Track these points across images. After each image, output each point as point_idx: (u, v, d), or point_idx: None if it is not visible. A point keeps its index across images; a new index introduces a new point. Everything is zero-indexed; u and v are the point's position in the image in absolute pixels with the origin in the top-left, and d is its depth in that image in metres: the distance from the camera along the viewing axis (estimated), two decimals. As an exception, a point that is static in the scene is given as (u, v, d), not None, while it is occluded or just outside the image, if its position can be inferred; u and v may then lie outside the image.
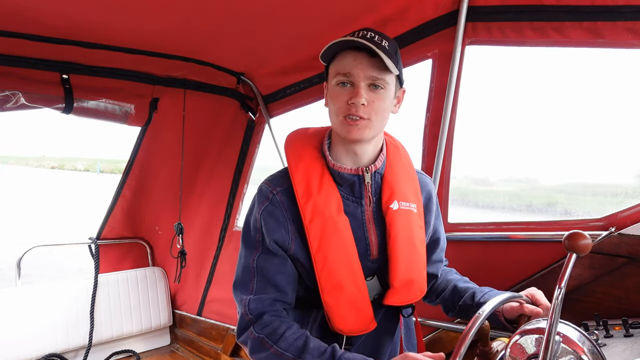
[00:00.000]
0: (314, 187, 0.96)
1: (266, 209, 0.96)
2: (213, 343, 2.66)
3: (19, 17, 1.60)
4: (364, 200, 0.99)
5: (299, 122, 1.13)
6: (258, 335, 0.90)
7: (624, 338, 0.93)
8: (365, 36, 0.89)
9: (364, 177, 0.97)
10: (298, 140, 1.04)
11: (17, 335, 2.27)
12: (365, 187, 0.98)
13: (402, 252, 0.99)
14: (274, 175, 1.02)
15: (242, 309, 0.95)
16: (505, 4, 1.36)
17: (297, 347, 0.87)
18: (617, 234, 1.15)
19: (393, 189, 1.00)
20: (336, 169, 0.97)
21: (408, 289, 1.01)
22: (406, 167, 1.06)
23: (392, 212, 0.99)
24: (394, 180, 1.01)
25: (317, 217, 0.94)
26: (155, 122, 2.31)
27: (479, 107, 2.29)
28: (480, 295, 1.03)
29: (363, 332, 0.97)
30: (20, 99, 1.86)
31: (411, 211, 1.02)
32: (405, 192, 1.02)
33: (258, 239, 0.96)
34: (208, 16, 1.65)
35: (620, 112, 2.21)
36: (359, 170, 0.97)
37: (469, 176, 9.22)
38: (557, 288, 0.65)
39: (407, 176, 1.05)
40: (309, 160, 0.99)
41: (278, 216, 0.95)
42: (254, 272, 0.95)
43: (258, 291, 0.95)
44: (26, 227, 10.17)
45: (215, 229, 2.68)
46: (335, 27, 1.72)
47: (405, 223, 1.00)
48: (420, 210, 1.06)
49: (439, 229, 1.16)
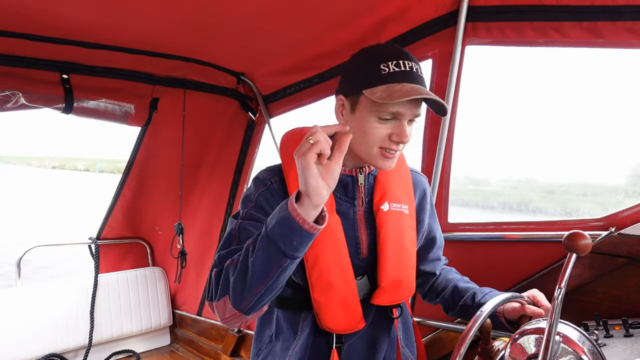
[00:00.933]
0: None
1: (262, 194, 0.96)
2: (213, 343, 2.67)
3: (19, 17, 1.60)
4: (357, 200, 1.00)
5: (299, 122, 1.13)
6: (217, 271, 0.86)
7: (624, 338, 0.93)
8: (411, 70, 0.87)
9: (358, 178, 0.99)
10: (293, 138, 1.04)
11: (17, 335, 2.27)
12: (359, 188, 0.99)
13: (391, 252, 1.00)
14: (272, 166, 1.03)
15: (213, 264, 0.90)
16: (505, 4, 1.36)
17: (247, 250, 0.82)
18: (617, 234, 1.15)
19: (385, 190, 1.02)
20: None
21: (396, 289, 1.01)
22: (400, 168, 1.07)
23: (383, 213, 1.00)
24: (386, 182, 1.02)
25: None
26: (155, 122, 2.31)
27: (478, 107, 2.31)
28: (481, 295, 1.03)
29: (351, 330, 0.98)
30: (20, 99, 1.86)
31: (402, 212, 1.03)
32: (397, 193, 1.03)
33: (246, 214, 0.95)
34: (208, 16, 1.65)
35: (620, 112, 2.23)
36: (352, 171, 0.98)
37: (469, 176, 9.25)
38: (557, 288, 0.65)
39: (400, 177, 1.06)
40: None
41: (273, 204, 0.94)
42: (235, 234, 0.92)
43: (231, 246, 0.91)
44: (27, 226, 10.17)
45: (215, 229, 2.68)
46: (336, 27, 1.72)
47: (395, 224, 1.01)
48: (412, 211, 1.06)
49: (434, 227, 1.16)
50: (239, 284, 0.79)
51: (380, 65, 0.86)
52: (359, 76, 0.88)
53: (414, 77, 0.86)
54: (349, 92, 0.91)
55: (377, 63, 0.87)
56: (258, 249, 0.78)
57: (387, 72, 0.85)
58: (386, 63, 0.86)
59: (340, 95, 0.94)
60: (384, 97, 0.83)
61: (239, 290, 0.80)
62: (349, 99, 0.91)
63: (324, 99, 2.08)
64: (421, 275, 1.18)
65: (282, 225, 0.76)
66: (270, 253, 0.77)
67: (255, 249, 0.78)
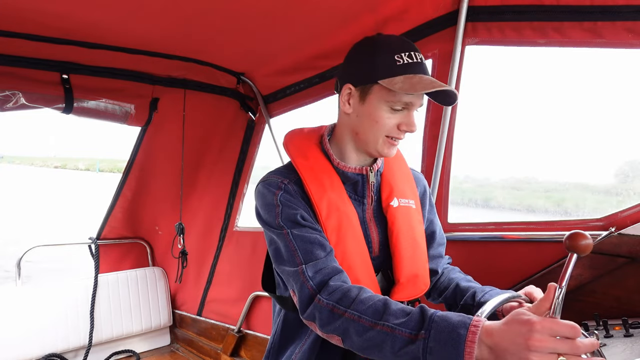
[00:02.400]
0: (326, 183, 0.96)
1: (282, 196, 0.93)
2: (213, 343, 2.67)
3: (19, 17, 1.60)
4: (366, 199, 1.00)
5: (299, 122, 1.13)
6: (328, 303, 0.80)
7: (624, 338, 0.94)
8: (422, 63, 0.91)
9: (368, 177, 0.99)
10: (298, 138, 1.03)
11: (17, 335, 2.27)
12: (369, 186, 0.99)
13: (405, 248, 1.00)
14: (277, 170, 1.01)
15: (299, 279, 0.85)
16: (505, 4, 1.36)
17: (376, 309, 0.75)
18: (617, 234, 1.15)
19: (392, 187, 1.02)
20: (341, 168, 0.98)
21: (414, 284, 1.01)
22: (401, 165, 1.09)
23: (393, 210, 1.00)
24: (392, 179, 1.03)
25: (334, 212, 0.94)
26: (156, 122, 2.32)
27: (479, 107, 2.31)
28: (481, 294, 1.03)
29: None
30: (20, 99, 1.86)
31: (410, 207, 1.03)
32: (404, 189, 1.04)
33: (283, 220, 0.91)
34: (208, 16, 1.65)
35: (619, 111, 2.23)
36: (362, 169, 0.98)
37: (470, 176, 9.26)
38: (558, 288, 0.65)
39: (404, 174, 1.07)
40: (315, 157, 0.99)
41: (296, 202, 0.93)
42: (293, 245, 0.88)
43: (307, 258, 0.86)
44: (28, 225, 10.17)
45: (215, 229, 2.68)
46: (336, 27, 1.72)
47: (406, 219, 1.02)
48: (418, 205, 1.07)
49: (433, 221, 1.17)
50: (359, 343, 0.76)
51: (395, 56, 0.88)
52: (373, 66, 0.89)
53: (425, 68, 0.90)
54: (360, 81, 0.92)
55: (391, 54, 0.88)
56: (399, 354, 0.70)
57: (402, 63, 0.88)
58: (400, 54, 0.88)
59: (348, 84, 0.94)
60: (406, 88, 0.85)
61: (356, 348, 0.77)
62: (358, 89, 0.92)
63: (324, 99, 2.08)
64: None
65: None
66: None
67: (396, 349, 0.71)
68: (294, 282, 0.87)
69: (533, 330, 0.59)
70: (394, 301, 0.77)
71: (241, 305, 2.47)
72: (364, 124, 0.92)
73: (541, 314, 0.65)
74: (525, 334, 0.59)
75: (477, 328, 0.64)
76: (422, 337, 0.68)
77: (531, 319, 0.61)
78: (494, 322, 0.65)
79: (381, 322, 0.73)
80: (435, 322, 0.68)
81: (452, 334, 0.65)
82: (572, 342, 0.59)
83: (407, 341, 0.69)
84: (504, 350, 0.61)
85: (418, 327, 0.70)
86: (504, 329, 0.62)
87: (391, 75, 0.87)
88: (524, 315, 0.62)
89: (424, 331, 0.68)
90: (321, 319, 0.81)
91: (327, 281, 0.84)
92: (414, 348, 0.68)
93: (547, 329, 0.59)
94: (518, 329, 0.61)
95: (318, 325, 0.82)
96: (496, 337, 0.62)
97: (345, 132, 0.98)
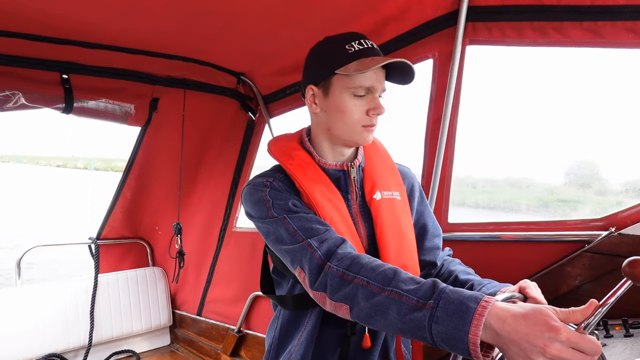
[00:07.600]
0: (314, 178, 0.98)
1: (270, 192, 0.95)
2: (213, 343, 2.67)
3: (19, 17, 1.60)
4: (351, 195, 1.01)
5: (299, 122, 1.13)
6: (338, 269, 0.80)
7: (624, 338, 0.94)
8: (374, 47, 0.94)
9: (350, 172, 1.01)
10: (281, 142, 1.06)
11: (17, 335, 2.27)
12: (352, 182, 1.01)
13: (391, 239, 1.00)
14: (261, 173, 1.03)
15: (306, 252, 0.85)
16: (505, 4, 1.36)
17: (386, 275, 0.75)
18: (617, 234, 1.15)
19: (374, 180, 1.03)
20: (322, 165, 1.00)
21: None
22: (384, 158, 1.09)
23: (376, 203, 1.01)
24: (374, 172, 1.04)
25: (327, 202, 0.96)
26: (155, 122, 2.31)
27: (479, 107, 2.31)
28: (479, 287, 1.03)
29: None
30: (20, 99, 1.86)
31: (394, 199, 1.04)
32: (387, 181, 1.05)
33: (276, 211, 0.92)
34: (208, 16, 1.65)
35: (620, 111, 2.23)
36: (342, 165, 1.00)
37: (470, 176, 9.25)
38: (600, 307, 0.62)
39: (386, 167, 1.08)
40: (299, 157, 1.01)
41: (284, 195, 0.95)
42: (292, 227, 0.89)
43: (309, 234, 0.87)
44: (28, 224, 10.17)
45: (214, 229, 2.68)
46: (335, 27, 1.72)
47: (390, 211, 1.02)
48: (404, 197, 1.07)
49: (424, 213, 1.15)
50: (365, 310, 0.75)
51: (346, 46, 0.92)
52: (327, 60, 0.93)
53: (377, 51, 0.94)
54: (319, 78, 0.95)
55: (342, 45, 0.93)
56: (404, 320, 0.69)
57: (353, 50, 0.91)
58: (350, 43, 0.92)
59: (310, 85, 0.98)
60: (360, 68, 0.89)
61: (363, 316, 0.75)
62: (319, 86, 0.96)
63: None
64: (422, 266, 1.17)
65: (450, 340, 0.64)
66: (417, 335, 0.68)
67: (401, 315, 0.69)
68: (302, 256, 0.86)
69: (556, 340, 0.57)
70: (404, 271, 0.76)
71: (241, 305, 2.47)
72: (333, 118, 0.95)
73: (566, 321, 0.62)
74: (546, 339, 0.58)
75: (488, 303, 0.63)
76: (429, 306, 0.67)
77: (558, 327, 0.58)
78: (507, 306, 0.63)
79: (389, 288, 0.72)
80: (446, 294, 0.67)
81: (462, 305, 0.64)
82: (587, 358, 0.57)
83: (414, 308, 0.68)
84: (513, 342, 0.59)
85: (427, 297, 0.68)
86: (522, 322, 0.60)
87: (346, 63, 0.91)
88: (551, 320, 0.59)
89: (432, 300, 0.67)
90: (332, 286, 0.80)
91: (335, 250, 0.84)
92: (419, 316, 0.67)
93: (571, 342, 0.57)
94: (539, 331, 0.59)
95: (328, 293, 0.81)
96: (509, 325, 0.60)
97: (319, 131, 1.01)
